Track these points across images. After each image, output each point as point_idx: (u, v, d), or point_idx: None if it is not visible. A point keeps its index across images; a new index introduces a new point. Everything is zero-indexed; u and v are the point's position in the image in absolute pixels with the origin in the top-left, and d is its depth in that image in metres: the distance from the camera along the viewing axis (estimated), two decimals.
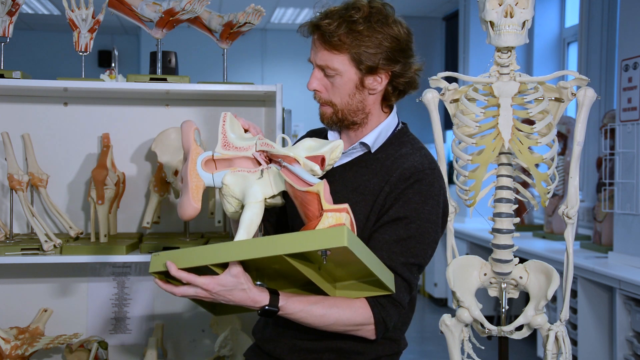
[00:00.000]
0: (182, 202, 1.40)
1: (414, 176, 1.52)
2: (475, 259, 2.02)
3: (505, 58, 1.88)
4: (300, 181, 1.38)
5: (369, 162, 1.60)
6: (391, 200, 1.51)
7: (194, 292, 1.38)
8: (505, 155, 1.93)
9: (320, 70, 1.56)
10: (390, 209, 1.51)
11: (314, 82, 1.57)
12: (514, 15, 1.83)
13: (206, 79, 2.25)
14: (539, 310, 1.94)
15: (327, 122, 1.61)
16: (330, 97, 1.57)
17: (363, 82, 1.56)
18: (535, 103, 1.88)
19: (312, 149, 1.44)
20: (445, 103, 2.00)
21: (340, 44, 1.51)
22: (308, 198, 1.35)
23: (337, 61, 1.53)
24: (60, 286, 2.36)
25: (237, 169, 1.42)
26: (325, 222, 1.34)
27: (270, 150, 1.43)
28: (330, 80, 1.55)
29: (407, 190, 1.51)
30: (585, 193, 4.36)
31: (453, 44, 6.59)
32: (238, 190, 1.41)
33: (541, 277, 1.94)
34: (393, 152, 1.60)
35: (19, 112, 2.31)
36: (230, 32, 2.20)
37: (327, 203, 1.35)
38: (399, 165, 1.55)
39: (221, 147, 1.43)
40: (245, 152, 1.43)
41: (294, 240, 1.31)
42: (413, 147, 1.61)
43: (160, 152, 2.24)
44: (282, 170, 1.39)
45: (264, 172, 1.42)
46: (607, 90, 4.25)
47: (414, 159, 1.56)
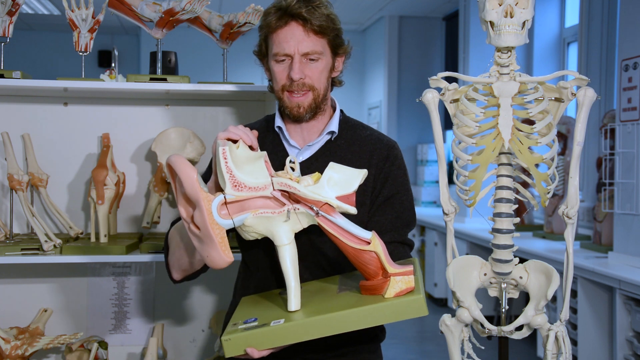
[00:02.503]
0: (212, 256, 1.28)
1: (391, 154, 1.67)
2: (475, 259, 2.02)
3: (505, 58, 1.88)
4: (350, 236, 1.32)
5: (333, 150, 1.66)
6: (381, 181, 1.64)
7: None
8: (505, 155, 1.93)
9: (303, 58, 1.58)
10: (382, 189, 1.64)
11: (300, 71, 1.58)
12: (514, 15, 1.83)
13: (206, 79, 2.26)
14: (539, 310, 1.94)
15: (303, 112, 1.61)
16: (312, 82, 1.60)
17: (334, 65, 1.65)
18: (535, 103, 1.88)
19: (337, 184, 1.34)
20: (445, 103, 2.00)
21: (324, 28, 1.57)
22: (365, 257, 1.31)
23: (320, 45, 1.59)
24: (60, 286, 2.36)
25: (259, 211, 1.32)
26: (396, 287, 1.31)
27: (293, 192, 1.32)
28: (311, 67, 1.59)
29: (390, 168, 1.66)
30: (585, 193, 4.36)
31: (453, 44, 6.59)
32: (262, 228, 1.33)
33: (541, 277, 1.94)
34: (352, 136, 1.68)
35: (19, 112, 2.31)
36: (230, 32, 2.20)
37: (389, 265, 1.32)
38: (370, 147, 1.66)
39: (232, 189, 1.30)
40: (262, 192, 1.32)
41: (375, 313, 1.28)
42: (365, 127, 1.72)
43: (160, 152, 2.24)
44: (321, 220, 1.32)
45: (290, 213, 1.33)
46: (607, 90, 4.25)
47: (380, 138, 1.69)
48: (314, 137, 1.68)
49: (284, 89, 1.61)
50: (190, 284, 2.36)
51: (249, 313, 1.41)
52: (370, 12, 7.35)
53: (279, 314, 1.35)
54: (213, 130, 2.39)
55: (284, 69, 1.60)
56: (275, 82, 1.64)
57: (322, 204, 1.31)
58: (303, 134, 1.69)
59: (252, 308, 1.45)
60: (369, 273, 1.32)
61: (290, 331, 1.29)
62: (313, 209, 1.31)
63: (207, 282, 2.43)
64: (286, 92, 1.61)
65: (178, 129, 2.29)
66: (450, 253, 2.07)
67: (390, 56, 7.25)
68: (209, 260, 1.29)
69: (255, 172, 1.33)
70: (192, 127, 2.36)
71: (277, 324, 1.30)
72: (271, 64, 1.64)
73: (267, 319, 1.34)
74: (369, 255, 1.31)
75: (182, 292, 2.42)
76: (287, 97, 1.62)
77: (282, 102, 1.64)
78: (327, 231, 1.32)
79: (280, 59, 1.60)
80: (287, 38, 1.57)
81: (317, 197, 1.31)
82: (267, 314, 1.37)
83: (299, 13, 1.55)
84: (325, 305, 1.34)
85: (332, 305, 1.33)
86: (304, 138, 1.69)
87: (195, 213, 1.28)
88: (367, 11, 7.29)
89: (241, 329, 1.32)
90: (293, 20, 1.57)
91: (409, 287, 1.32)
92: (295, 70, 1.57)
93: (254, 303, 1.49)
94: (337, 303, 1.34)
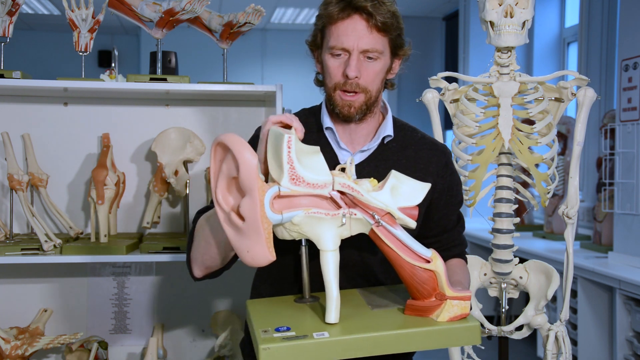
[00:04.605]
0: (255, 251, 1.17)
1: (449, 161, 1.61)
2: (475, 259, 2.02)
3: (505, 58, 1.88)
4: (410, 252, 1.24)
5: (386, 154, 1.57)
6: (444, 191, 1.58)
7: None
8: (505, 155, 1.93)
9: (361, 55, 1.48)
10: (449, 198, 1.59)
11: (357, 68, 1.47)
12: (514, 15, 1.83)
13: (206, 79, 2.25)
14: (539, 310, 1.94)
15: (354, 112, 1.51)
16: (366, 83, 1.49)
17: (391, 66, 1.55)
18: (535, 103, 1.88)
19: (400, 194, 1.26)
20: (445, 103, 2.00)
21: (387, 25, 1.47)
22: (423, 276, 1.24)
23: (381, 44, 1.48)
24: (60, 286, 2.36)
25: (313, 211, 1.21)
26: (451, 312, 1.24)
27: (356, 196, 1.22)
28: (368, 66, 1.49)
29: (451, 176, 1.60)
30: (585, 193, 4.35)
31: (453, 44, 6.59)
32: (308, 229, 1.22)
33: (541, 277, 1.94)
34: (404, 139, 1.59)
35: (19, 112, 2.31)
36: (230, 32, 2.19)
37: (449, 287, 1.24)
38: (427, 153, 1.58)
39: (289, 181, 1.18)
40: (320, 190, 1.21)
41: (429, 337, 1.21)
42: (415, 129, 1.64)
43: (160, 152, 2.24)
44: (380, 231, 1.23)
45: (345, 217, 1.23)
46: (607, 90, 4.25)
47: (434, 142, 1.61)
48: (362, 140, 1.58)
49: (337, 87, 1.50)
50: (190, 284, 2.36)
51: (272, 320, 1.30)
52: None
53: (316, 325, 1.24)
54: (213, 130, 2.39)
55: (340, 64, 1.49)
56: (328, 77, 1.52)
57: (384, 213, 1.22)
58: (351, 136, 1.58)
59: (273, 315, 1.33)
60: (422, 293, 1.24)
61: (338, 347, 1.19)
62: (374, 217, 1.21)
63: (207, 282, 2.42)
64: (339, 90, 1.50)
65: (178, 129, 2.29)
66: None
67: None
68: (249, 256, 1.18)
69: (316, 168, 1.22)
70: (192, 127, 2.36)
71: (322, 337, 1.19)
72: (325, 57, 1.52)
73: (303, 329, 1.22)
74: (428, 274, 1.23)
75: (182, 292, 2.42)
76: (339, 95, 1.50)
77: (333, 100, 1.52)
78: (382, 243, 1.23)
79: (336, 52, 1.48)
80: (347, 31, 1.46)
81: (380, 205, 1.22)
82: (301, 324, 1.25)
83: (364, 6, 1.45)
84: (366, 323, 1.25)
85: (376, 323, 1.25)
86: (352, 141, 1.58)
87: (243, 202, 1.15)
88: None
89: (279, 338, 1.19)
90: (356, 13, 1.46)
91: (463, 313, 1.25)
92: (352, 67, 1.46)
93: (269, 309, 1.38)
94: (381, 322, 1.26)
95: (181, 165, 2.26)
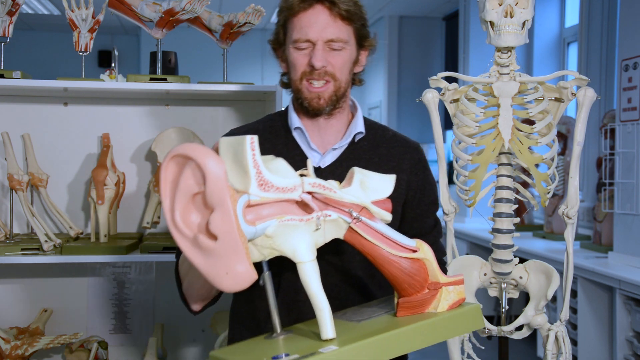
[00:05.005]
0: (236, 272, 1.00)
1: (422, 157, 1.59)
2: (475, 259, 2.02)
3: (505, 58, 1.88)
4: (396, 245, 1.15)
5: (358, 153, 1.52)
6: (418, 189, 1.56)
7: None
8: (505, 155, 1.93)
9: (326, 45, 1.44)
10: (422, 197, 1.56)
11: (323, 58, 1.43)
12: (514, 15, 1.83)
13: (206, 79, 2.26)
14: (539, 310, 1.94)
15: (324, 104, 1.46)
16: (335, 70, 1.45)
17: (357, 58, 1.51)
18: (535, 103, 1.88)
19: (370, 188, 1.15)
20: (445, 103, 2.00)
21: (351, 14, 1.44)
22: (413, 267, 1.14)
23: (346, 33, 1.45)
24: (60, 286, 2.36)
25: (286, 218, 1.07)
26: (449, 299, 1.15)
27: (328, 194, 1.10)
28: (334, 55, 1.44)
29: (425, 173, 1.58)
30: (585, 193, 4.36)
31: (453, 44, 6.59)
32: (283, 241, 1.08)
33: (541, 277, 1.94)
34: (375, 137, 1.55)
35: (19, 112, 2.31)
36: (230, 32, 2.20)
37: (441, 274, 1.15)
38: (400, 150, 1.55)
39: (257, 188, 1.04)
40: (290, 194, 1.07)
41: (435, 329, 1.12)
42: (386, 128, 1.61)
43: (160, 152, 2.24)
44: (360, 227, 1.12)
45: (320, 220, 1.10)
46: (607, 90, 4.25)
47: (405, 139, 1.60)
48: (333, 139, 1.53)
49: (304, 76, 1.45)
50: None
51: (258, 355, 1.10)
52: (370, 12, 7.31)
53: (312, 344, 1.09)
54: (213, 130, 2.39)
55: (304, 56, 1.44)
56: (293, 71, 1.47)
57: (360, 208, 1.12)
58: (321, 135, 1.52)
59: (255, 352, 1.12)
60: (414, 286, 1.14)
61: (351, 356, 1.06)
62: (351, 214, 1.10)
63: None
64: (305, 81, 1.45)
65: (178, 129, 2.29)
66: (450, 253, 2.07)
67: (390, 56, 7.24)
68: (230, 279, 1.00)
69: (281, 171, 1.09)
70: (192, 127, 2.36)
71: (331, 349, 1.05)
72: (289, 51, 1.47)
73: (303, 351, 1.06)
74: (417, 264, 1.14)
75: None
76: (306, 87, 1.46)
77: (300, 94, 1.47)
78: (363, 240, 1.12)
79: (301, 46, 1.44)
80: (310, 22, 1.42)
81: (355, 200, 1.11)
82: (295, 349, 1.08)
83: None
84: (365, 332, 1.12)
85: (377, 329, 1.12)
86: (323, 140, 1.53)
87: (214, 217, 0.99)
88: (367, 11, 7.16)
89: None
90: (318, 3, 1.42)
91: (460, 299, 1.16)
92: (317, 57, 1.42)
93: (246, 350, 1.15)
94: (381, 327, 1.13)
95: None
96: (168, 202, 1.02)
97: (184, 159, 1.01)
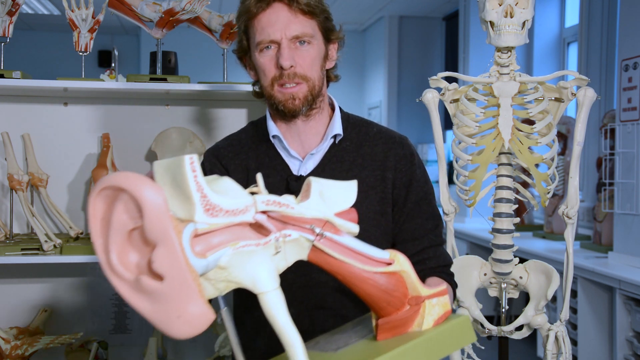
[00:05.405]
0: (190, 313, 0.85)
1: (408, 152, 1.48)
2: (475, 259, 2.02)
3: (505, 58, 1.88)
4: (367, 259, 1.00)
5: (340, 155, 1.46)
6: (404, 186, 1.46)
7: None
8: (505, 155, 1.93)
9: (291, 43, 1.37)
10: (409, 195, 1.46)
11: (290, 57, 1.36)
12: (514, 15, 1.83)
13: (206, 79, 2.25)
14: (539, 310, 1.94)
15: (299, 104, 1.40)
16: (304, 71, 1.38)
17: (327, 52, 1.45)
18: (535, 103, 1.88)
19: (331, 199, 1.00)
20: (445, 103, 2.00)
21: (312, 7, 1.38)
22: (389, 282, 1.00)
23: (310, 27, 1.38)
24: (60, 286, 2.36)
25: (240, 244, 0.92)
26: (434, 314, 1.02)
27: (285, 211, 0.95)
28: (302, 52, 1.38)
29: (411, 168, 1.47)
30: (585, 193, 4.36)
31: (453, 44, 6.59)
32: (240, 272, 0.93)
33: (541, 277, 1.94)
34: (358, 135, 1.48)
35: (19, 112, 2.31)
36: (230, 32, 2.20)
37: (422, 286, 1.03)
38: (383, 147, 1.47)
39: (204, 214, 0.88)
40: (243, 215, 0.92)
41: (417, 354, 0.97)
42: (370, 123, 1.52)
43: (160, 152, 2.24)
44: (324, 244, 0.97)
45: (279, 242, 0.95)
46: (607, 90, 4.25)
47: (390, 134, 1.50)
48: (314, 142, 1.46)
49: (274, 81, 1.39)
50: None
51: None
52: (370, 12, 7.35)
53: None
54: (213, 130, 2.39)
55: (271, 58, 1.38)
56: (263, 76, 1.41)
57: (323, 223, 0.97)
58: (301, 139, 1.46)
59: None
60: (393, 304, 1.01)
61: None
62: (314, 231, 0.96)
63: None
64: (276, 85, 1.39)
65: (178, 129, 2.29)
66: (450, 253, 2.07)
67: (390, 56, 7.25)
68: (182, 322, 0.85)
69: (229, 190, 0.93)
70: (192, 127, 2.36)
71: None
72: (255, 57, 1.41)
73: None
74: (394, 278, 1.00)
75: None
76: (278, 90, 1.40)
77: (274, 99, 1.41)
78: (330, 259, 0.98)
79: (265, 47, 1.38)
80: (271, 22, 1.36)
81: (317, 214, 0.96)
82: None
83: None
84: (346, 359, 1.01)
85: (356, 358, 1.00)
86: (303, 145, 1.46)
87: (157, 254, 0.84)
88: (367, 11, 7.29)
89: None
90: (276, 1, 1.36)
91: (446, 312, 1.04)
92: (284, 56, 1.35)
93: None
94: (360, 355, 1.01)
95: None
96: (100, 243, 0.87)
97: (114, 191, 0.85)
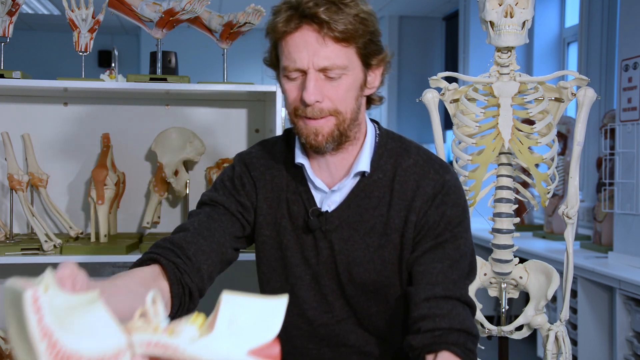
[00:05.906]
0: None
1: (438, 189, 1.27)
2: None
3: (505, 58, 1.88)
4: None
5: (367, 189, 1.28)
6: (426, 227, 1.25)
7: None
8: (505, 155, 1.93)
9: (319, 74, 1.18)
10: (428, 233, 1.25)
11: (316, 91, 1.17)
12: (514, 15, 1.83)
13: (206, 79, 2.26)
14: (539, 310, 1.94)
15: (322, 141, 1.21)
16: (335, 105, 1.19)
17: (366, 80, 1.25)
18: (535, 103, 1.88)
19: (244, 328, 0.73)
20: (445, 103, 2.00)
21: (349, 34, 1.16)
22: None
23: (344, 57, 1.17)
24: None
25: None
26: None
27: (174, 356, 0.71)
28: (332, 84, 1.18)
29: (436, 209, 1.26)
30: (585, 193, 4.36)
31: (453, 44, 6.59)
32: None
33: (541, 277, 1.94)
34: (391, 167, 1.29)
35: (19, 112, 2.31)
36: (230, 32, 2.19)
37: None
38: (412, 185, 1.27)
39: None
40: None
41: None
42: (408, 151, 1.31)
43: (160, 152, 2.24)
44: None
45: None
46: (607, 90, 4.25)
47: (425, 168, 1.28)
48: (343, 173, 1.28)
49: (296, 113, 1.21)
50: None
51: None
52: None
53: None
54: (213, 130, 2.39)
55: (296, 87, 1.20)
56: (286, 102, 1.24)
57: None
58: (330, 170, 1.28)
59: None
60: None
61: None
62: None
63: None
64: (299, 117, 1.22)
65: (178, 129, 2.29)
66: None
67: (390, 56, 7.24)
68: None
69: (96, 328, 0.70)
70: (192, 127, 2.36)
71: None
72: (281, 80, 1.23)
73: None
74: None
75: None
76: (302, 122, 1.22)
77: (297, 130, 1.24)
78: None
79: (291, 75, 1.19)
80: (298, 47, 1.16)
81: (220, 357, 0.71)
82: None
83: (314, 13, 1.13)
84: None
85: None
86: (332, 175, 1.29)
87: None
88: None
89: None
90: (305, 22, 1.15)
91: None
92: (309, 91, 1.16)
93: None
94: None
95: (181, 165, 2.26)
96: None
97: None
